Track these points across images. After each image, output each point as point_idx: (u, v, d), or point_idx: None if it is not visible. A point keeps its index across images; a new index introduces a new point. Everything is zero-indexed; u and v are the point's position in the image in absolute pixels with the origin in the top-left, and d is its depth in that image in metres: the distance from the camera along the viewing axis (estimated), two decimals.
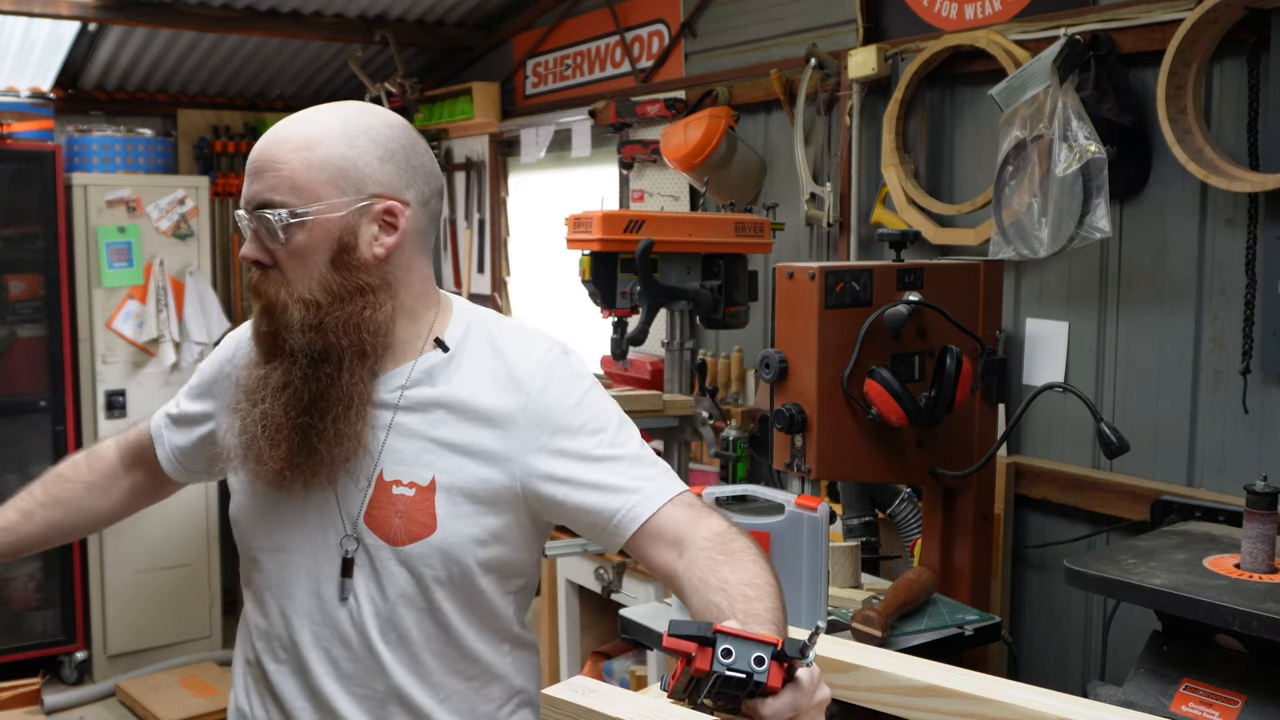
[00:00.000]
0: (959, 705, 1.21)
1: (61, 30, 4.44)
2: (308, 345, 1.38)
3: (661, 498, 1.39)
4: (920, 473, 2.29)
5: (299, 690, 1.47)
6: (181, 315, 4.70)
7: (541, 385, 1.43)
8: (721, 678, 0.98)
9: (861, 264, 2.31)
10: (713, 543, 1.32)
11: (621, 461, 1.41)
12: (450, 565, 1.42)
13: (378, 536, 1.42)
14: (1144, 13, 2.40)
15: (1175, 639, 1.75)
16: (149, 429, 1.68)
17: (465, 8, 4.61)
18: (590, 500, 1.39)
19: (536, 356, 1.45)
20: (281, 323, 1.39)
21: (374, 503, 1.42)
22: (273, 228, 1.38)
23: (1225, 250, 2.36)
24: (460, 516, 1.41)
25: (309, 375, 1.39)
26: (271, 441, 1.39)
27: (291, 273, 1.39)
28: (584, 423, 1.42)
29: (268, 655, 1.49)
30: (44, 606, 4.62)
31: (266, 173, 1.39)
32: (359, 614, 1.43)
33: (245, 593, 1.55)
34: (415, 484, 1.42)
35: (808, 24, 3.32)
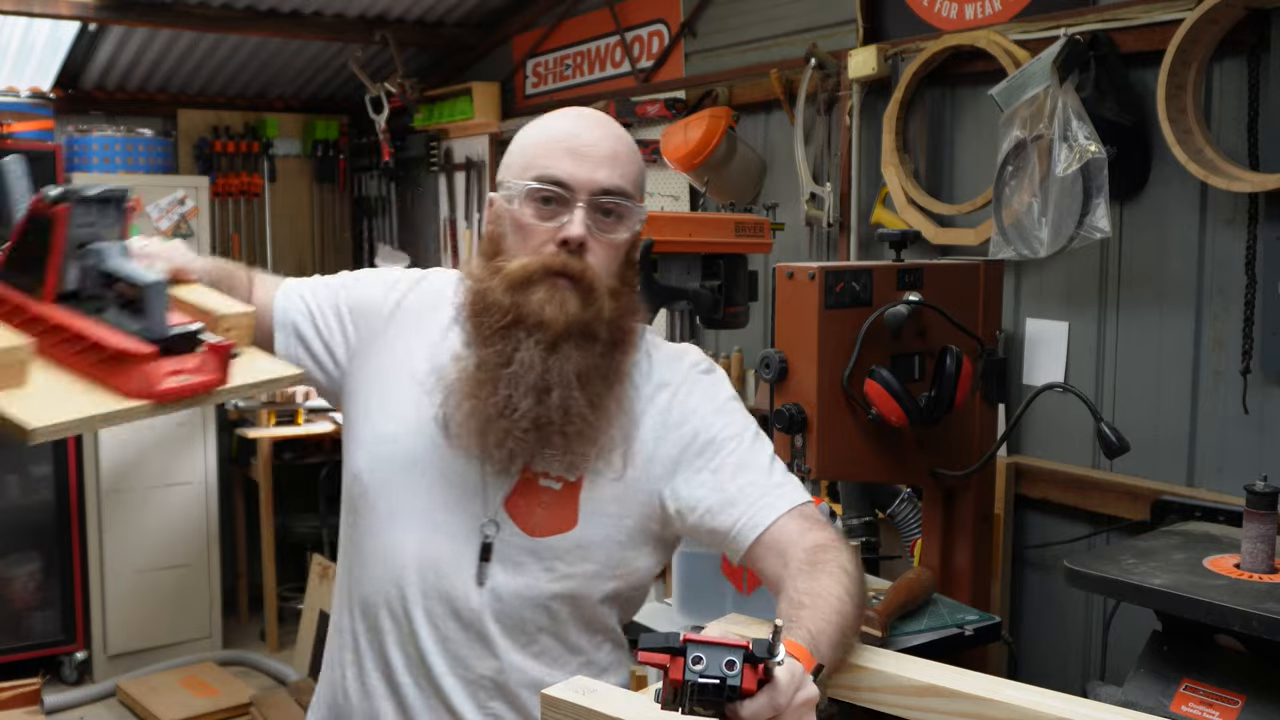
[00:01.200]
0: (959, 705, 1.21)
1: (61, 30, 4.44)
2: (609, 335, 1.41)
3: (779, 509, 1.40)
4: (920, 473, 2.29)
5: (405, 664, 1.46)
6: None
7: (686, 394, 1.48)
8: (696, 685, 0.99)
9: (861, 264, 2.32)
10: (808, 554, 1.34)
11: (750, 472, 1.43)
12: (581, 563, 1.43)
13: (516, 525, 1.43)
14: (1144, 13, 2.40)
15: (1175, 639, 1.75)
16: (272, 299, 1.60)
17: (465, 8, 4.61)
18: (716, 506, 1.42)
19: (685, 366, 1.50)
20: (595, 310, 1.40)
21: (518, 490, 1.43)
22: (629, 216, 1.43)
23: (1225, 250, 2.36)
24: (601, 516, 1.43)
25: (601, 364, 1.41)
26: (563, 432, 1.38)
27: (600, 263, 1.42)
28: (720, 430, 1.46)
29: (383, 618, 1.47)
30: (44, 606, 4.62)
31: (618, 161, 1.43)
32: (481, 597, 1.43)
33: (352, 554, 1.53)
34: (563, 479, 1.43)
35: (808, 24, 3.32)
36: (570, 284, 1.39)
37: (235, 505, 5.32)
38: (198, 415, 4.80)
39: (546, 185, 1.40)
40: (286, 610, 5.16)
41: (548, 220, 1.40)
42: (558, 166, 1.40)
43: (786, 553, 1.36)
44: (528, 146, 1.45)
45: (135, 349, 1.22)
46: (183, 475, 4.79)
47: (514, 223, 1.42)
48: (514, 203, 1.42)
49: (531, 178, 1.41)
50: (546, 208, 1.41)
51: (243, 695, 4.34)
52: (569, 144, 1.41)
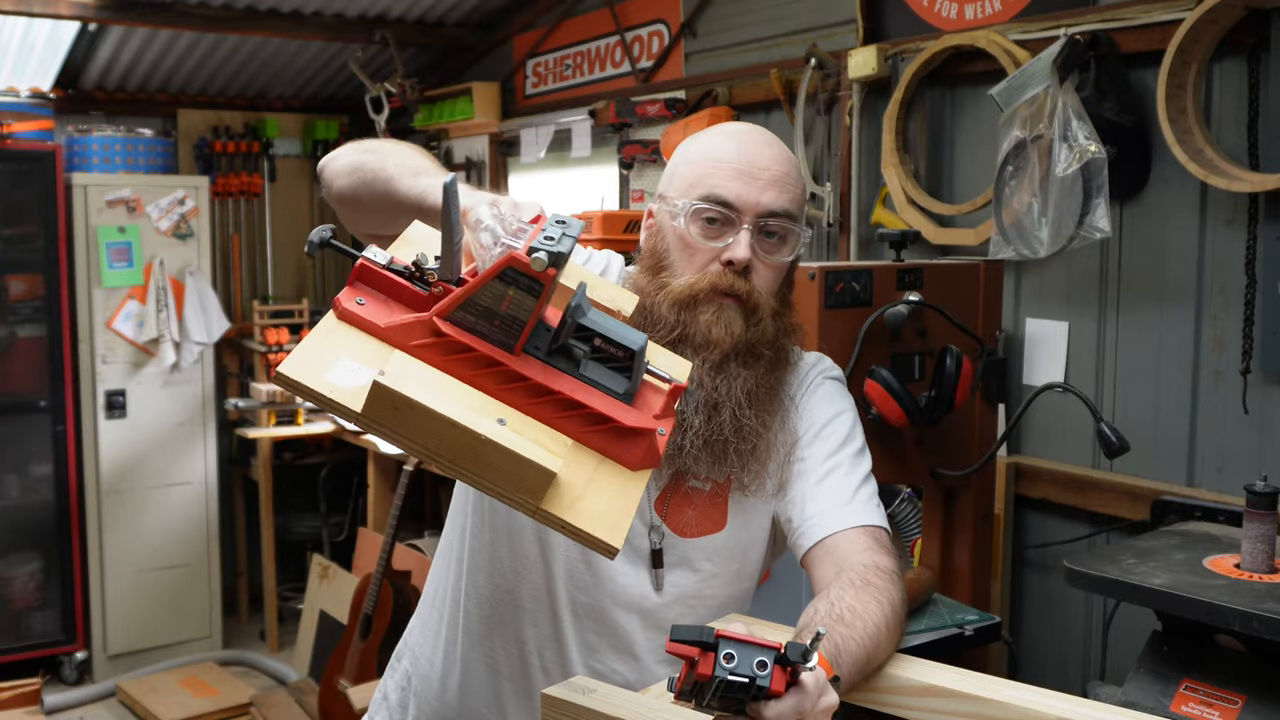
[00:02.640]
0: (959, 705, 1.21)
1: (61, 30, 4.44)
2: (772, 355, 1.44)
3: (850, 520, 1.41)
4: (920, 473, 2.29)
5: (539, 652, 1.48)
6: (181, 315, 4.70)
7: (807, 394, 1.51)
8: (724, 682, 0.98)
9: (861, 264, 2.32)
10: (860, 570, 1.34)
11: (844, 477, 1.45)
12: (726, 564, 1.46)
13: (667, 525, 1.45)
14: (1144, 13, 2.40)
15: (1175, 639, 1.75)
16: None
17: (465, 8, 4.61)
18: (800, 497, 1.44)
19: (813, 372, 1.54)
20: (757, 331, 1.42)
21: (667, 490, 1.45)
22: (792, 238, 1.44)
23: (1225, 250, 2.36)
24: (746, 519, 1.47)
25: (765, 383, 1.43)
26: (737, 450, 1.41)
27: (764, 284, 1.43)
28: (831, 434, 1.48)
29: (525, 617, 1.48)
30: (44, 606, 4.62)
31: (786, 184, 1.44)
32: (628, 597, 1.45)
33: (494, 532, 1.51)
34: (712, 480, 1.45)
35: (808, 24, 3.32)
36: (736, 304, 1.41)
37: (235, 505, 5.32)
38: (198, 415, 4.80)
39: (713, 206, 1.41)
40: (286, 610, 5.16)
41: (713, 240, 1.42)
42: (725, 187, 1.41)
43: (843, 562, 1.37)
44: (696, 163, 1.46)
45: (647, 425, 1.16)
46: (183, 475, 4.80)
47: (679, 240, 1.44)
48: (679, 220, 1.43)
49: (698, 197, 1.42)
50: (712, 227, 1.42)
51: (243, 695, 4.34)
52: (738, 165, 1.42)
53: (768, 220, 1.42)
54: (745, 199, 1.41)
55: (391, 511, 3.88)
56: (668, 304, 1.41)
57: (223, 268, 5.36)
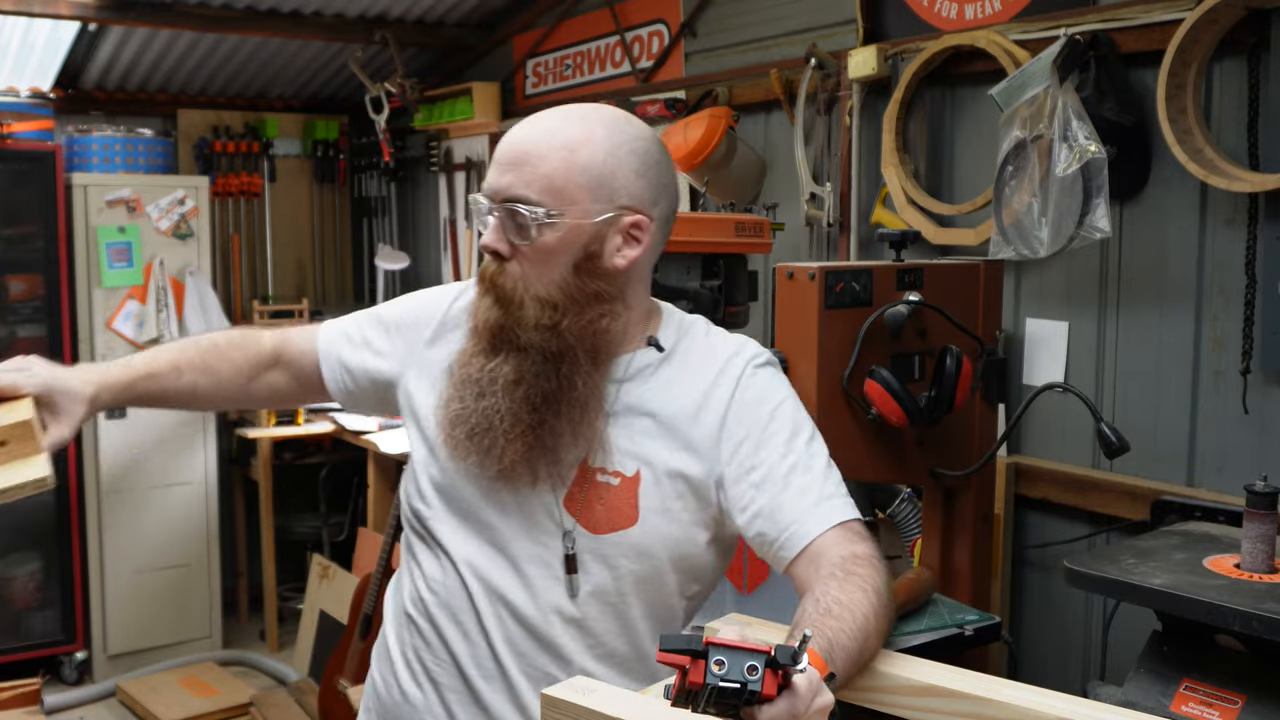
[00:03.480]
0: (959, 705, 1.21)
1: (61, 30, 4.44)
2: (542, 344, 1.39)
3: (829, 521, 1.39)
4: (920, 473, 2.29)
5: (473, 659, 1.46)
6: (181, 315, 4.70)
7: (743, 388, 1.45)
8: (716, 689, 0.99)
9: (861, 264, 2.32)
10: (842, 563, 1.32)
11: (806, 475, 1.41)
12: (644, 560, 1.43)
13: (578, 522, 1.42)
14: (1144, 13, 2.40)
15: (1175, 639, 1.75)
16: (314, 339, 1.64)
17: (465, 8, 4.61)
18: (768, 509, 1.40)
19: (741, 362, 1.48)
20: (515, 317, 1.39)
21: (576, 487, 1.43)
22: (525, 223, 1.38)
23: (1225, 250, 2.36)
24: (661, 511, 1.43)
25: (542, 373, 1.39)
26: (508, 437, 1.38)
27: (532, 270, 1.40)
28: (778, 430, 1.43)
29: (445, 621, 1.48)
30: (44, 606, 4.62)
31: (524, 166, 1.39)
32: (547, 597, 1.43)
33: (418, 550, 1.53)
34: (620, 474, 1.42)
35: (808, 24, 3.32)
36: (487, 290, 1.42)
37: (235, 505, 5.32)
38: (198, 416, 4.80)
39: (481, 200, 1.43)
40: (286, 610, 5.16)
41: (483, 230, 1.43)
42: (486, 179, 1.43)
43: (819, 558, 1.35)
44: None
45: None
46: (183, 475, 4.79)
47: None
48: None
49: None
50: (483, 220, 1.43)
51: (243, 695, 4.34)
52: (499, 153, 1.42)
53: (508, 205, 1.39)
54: (489, 185, 1.41)
55: (391, 511, 3.88)
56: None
57: (223, 268, 5.36)
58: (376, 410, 1.66)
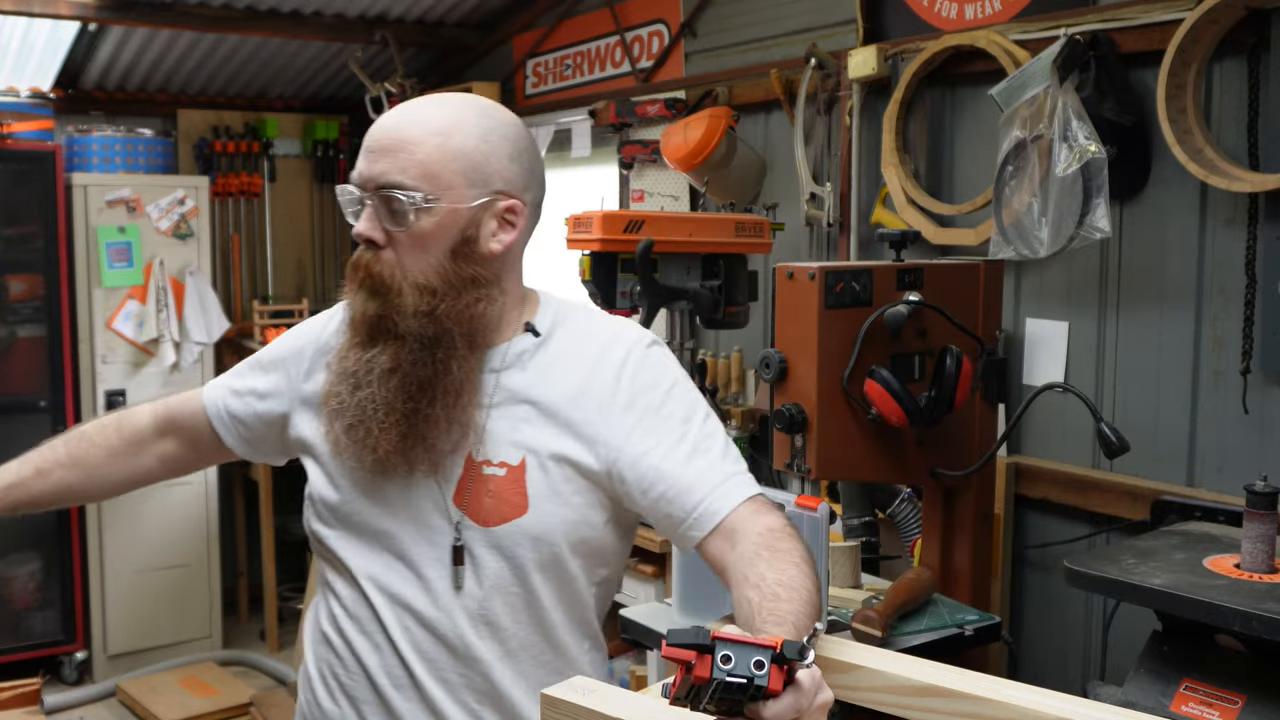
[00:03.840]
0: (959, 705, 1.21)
1: (61, 30, 4.44)
2: (419, 330, 1.38)
3: (736, 498, 1.38)
4: (920, 473, 2.29)
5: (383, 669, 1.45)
6: (181, 315, 4.70)
7: (633, 372, 1.44)
8: (722, 684, 0.98)
9: (861, 264, 2.32)
10: (762, 539, 1.32)
11: (706, 455, 1.41)
12: (541, 547, 1.42)
13: (469, 517, 1.41)
14: (1144, 13, 2.40)
15: (1175, 639, 1.75)
16: (199, 400, 1.65)
17: (465, 8, 4.61)
18: (671, 492, 1.39)
19: (627, 344, 1.47)
20: (393, 305, 1.39)
21: (464, 482, 1.42)
22: (402, 210, 1.38)
23: (1225, 250, 2.36)
24: (550, 496, 1.42)
25: (419, 360, 1.38)
26: (381, 426, 1.38)
27: (408, 257, 1.39)
28: (672, 412, 1.43)
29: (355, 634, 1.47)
30: (44, 606, 4.62)
31: (398, 153, 1.38)
32: (448, 599, 1.42)
33: (327, 572, 1.53)
34: (506, 464, 1.42)
35: (808, 24, 3.32)
36: (362, 280, 1.41)
37: (235, 505, 5.32)
38: None
39: (351, 189, 1.41)
40: (286, 610, 5.16)
41: (354, 220, 1.42)
42: (357, 167, 1.41)
43: (735, 534, 1.35)
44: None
45: None
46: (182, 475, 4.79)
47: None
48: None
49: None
50: (352, 210, 1.42)
51: (243, 695, 4.34)
52: (368, 141, 1.41)
53: (383, 192, 1.38)
54: (361, 173, 1.40)
55: None
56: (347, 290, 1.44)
57: (223, 268, 5.36)
58: (281, 454, 1.64)
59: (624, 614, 2.19)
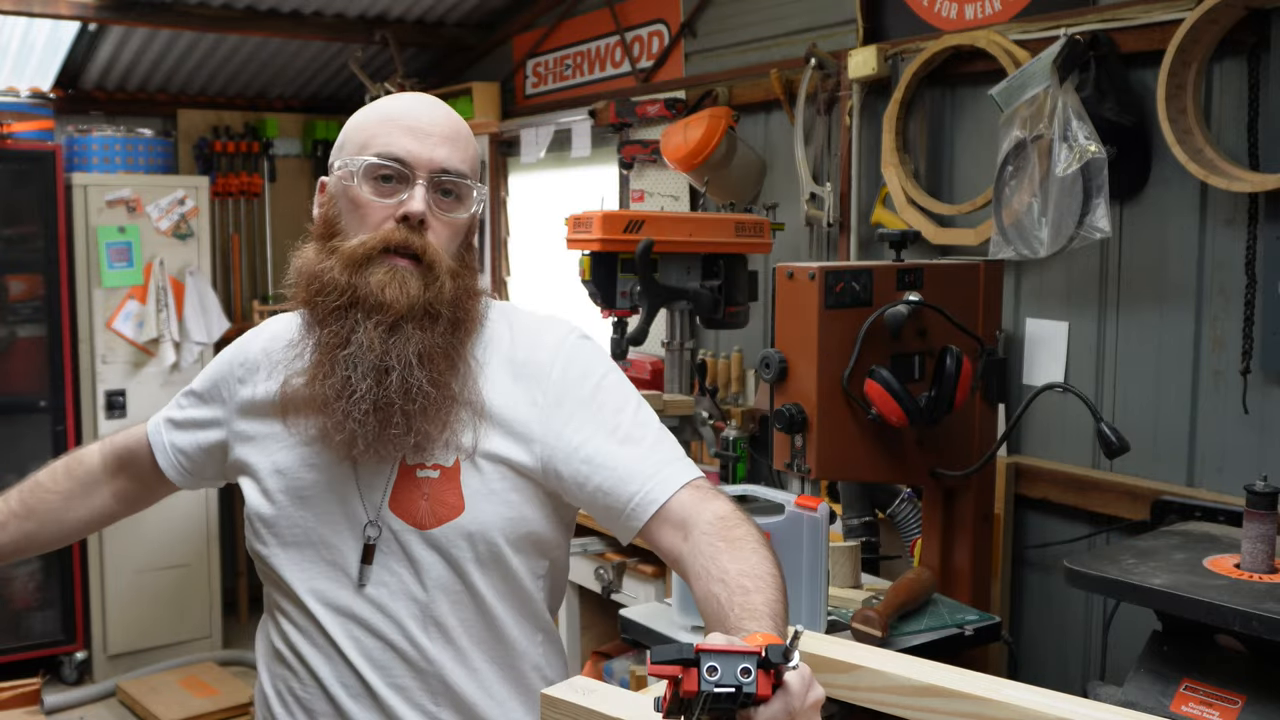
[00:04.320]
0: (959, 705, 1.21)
1: (61, 30, 4.44)
2: (450, 317, 1.39)
3: (675, 484, 1.38)
4: (920, 473, 2.29)
5: (337, 680, 1.44)
6: (181, 315, 4.70)
7: (563, 366, 1.44)
8: (711, 695, 0.98)
9: (861, 264, 2.32)
10: (715, 528, 1.31)
11: (640, 445, 1.41)
12: (479, 545, 1.41)
13: (404, 521, 1.41)
14: (1144, 13, 2.40)
15: (1175, 639, 1.75)
16: (144, 434, 1.66)
17: (465, 8, 4.61)
18: (608, 483, 1.39)
19: (556, 338, 1.47)
20: (435, 291, 1.38)
21: (398, 487, 1.41)
22: (469, 196, 1.43)
23: (1225, 250, 2.36)
24: (486, 495, 1.41)
25: (445, 347, 1.38)
26: (405, 413, 1.35)
27: (441, 242, 1.41)
28: (603, 404, 1.43)
29: (305, 647, 1.46)
30: (44, 606, 4.62)
31: (456, 140, 1.43)
32: (392, 603, 1.42)
33: (273, 592, 1.52)
34: (439, 465, 1.41)
35: (808, 24, 3.32)
36: (411, 264, 1.38)
37: (235, 505, 5.32)
38: None
39: (387, 161, 1.39)
40: None
41: (387, 198, 1.39)
42: (397, 144, 1.39)
43: (686, 524, 1.34)
44: (365, 125, 1.44)
45: None
46: None
47: (352, 201, 1.40)
48: (353, 180, 1.40)
49: (371, 155, 1.40)
50: (386, 185, 1.39)
51: (243, 695, 4.34)
52: (408, 122, 1.41)
53: (441, 177, 1.40)
54: (418, 155, 1.39)
55: None
56: (339, 267, 1.37)
57: (223, 268, 5.36)
58: (219, 480, 1.64)
59: (624, 614, 2.19)
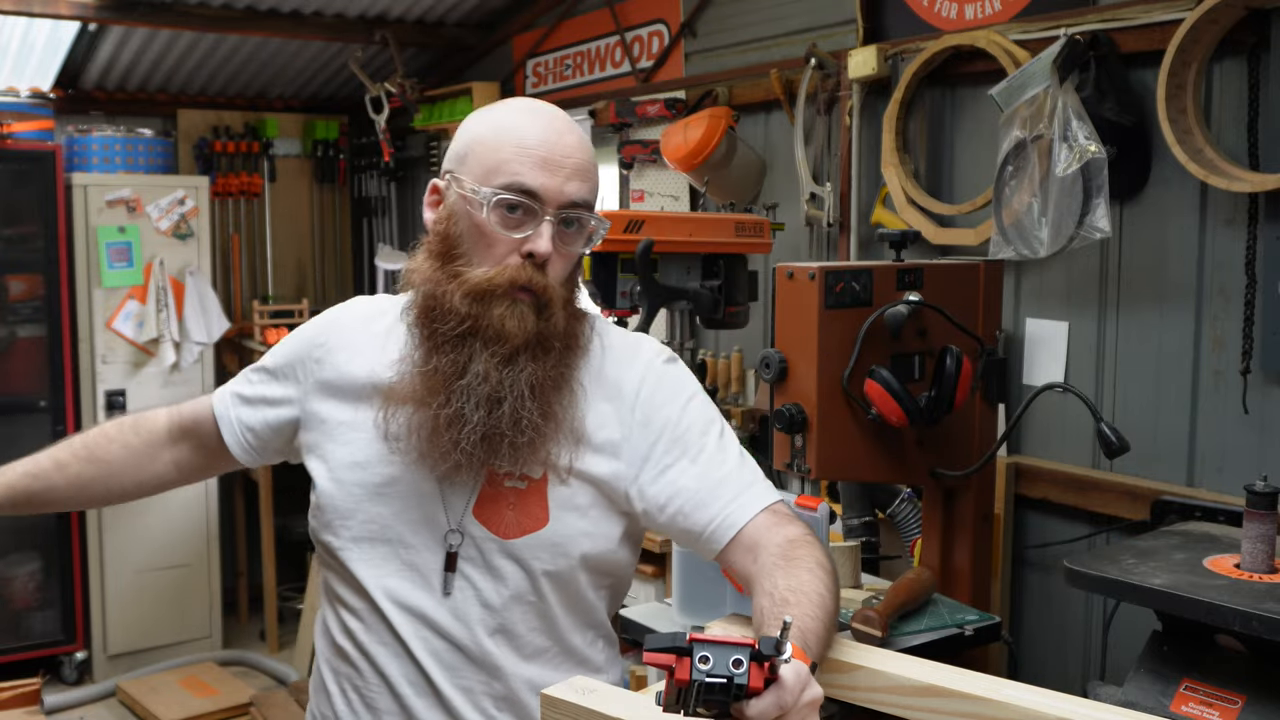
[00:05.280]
0: (959, 705, 1.21)
1: (61, 30, 4.44)
2: (561, 346, 1.40)
3: (752, 509, 1.40)
4: (920, 473, 2.29)
5: (404, 677, 1.44)
6: (181, 315, 4.70)
7: (651, 388, 1.46)
8: (703, 685, 0.99)
9: (861, 264, 2.31)
10: (780, 549, 1.33)
11: (721, 468, 1.42)
12: (558, 558, 1.42)
13: (487, 529, 1.41)
14: (1144, 13, 2.40)
15: (1175, 639, 1.75)
16: (209, 406, 1.63)
17: (465, 8, 4.61)
18: (688, 506, 1.41)
19: (646, 359, 1.48)
20: (549, 323, 1.39)
21: (484, 495, 1.42)
22: (592, 234, 1.43)
23: (1225, 250, 2.36)
24: (570, 509, 1.42)
25: (552, 376, 1.39)
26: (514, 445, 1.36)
27: (556, 275, 1.40)
28: (689, 426, 1.44)
29: (372, 644, 1.46)
30: (44, 606, 4.62)
31: (588, 173, 1.41)
32: (465, 607, 1.42)
33: (336, 584, 1.50)
34: (527, 477, 1.41)
35: (808, 24, 3.32)
36: (530, 298, 1.38)
37: (235, 505, 5.32)
38: None
39: (517, 196, 1.37)
40: (286, 610, 5.16)
41: (513, 230, 1.38)
42: (530, 176, 1.37)
43: (757, 548, 1.36)
44: (496, 147, 1.40)
45: None
46: None
47: (475, 229, 1.39)
48: (478, 209, 1.38)
49: (500, 185, 1.37)
50: (512, 216, 1.38)
51: (243, 695, 4.34)
52: (542, 153, 1.38)
53: (568, 211, 1.39)
54: (549, 189, 1.37)
55: None
56: (460, 295, 1.36)
57: (223, 268, 5.36)
58: (282, 458, 1.63)
59: (624, 614, 2.19)
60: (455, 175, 1.42)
